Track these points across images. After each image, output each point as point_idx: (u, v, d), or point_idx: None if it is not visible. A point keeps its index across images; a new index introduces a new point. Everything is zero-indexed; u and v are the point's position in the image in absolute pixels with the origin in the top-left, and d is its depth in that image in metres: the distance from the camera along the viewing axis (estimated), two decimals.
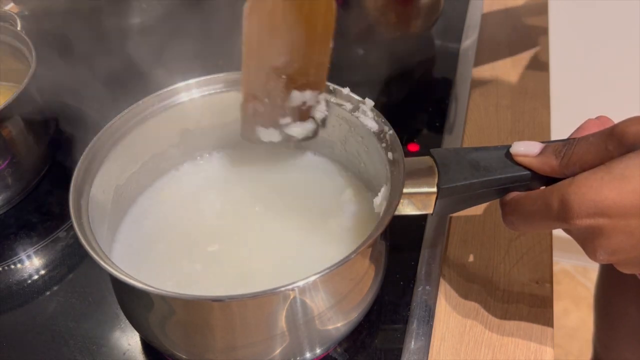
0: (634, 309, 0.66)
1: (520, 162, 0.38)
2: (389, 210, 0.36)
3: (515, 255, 0.49)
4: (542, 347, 0.43)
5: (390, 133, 0.41)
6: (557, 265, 1.48)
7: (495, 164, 0.39)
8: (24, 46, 0.56)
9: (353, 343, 0.43)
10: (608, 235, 0.33)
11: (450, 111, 0.63)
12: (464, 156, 0.40)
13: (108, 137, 0.41)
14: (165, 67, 0.50)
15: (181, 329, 0.36)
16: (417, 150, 0.58)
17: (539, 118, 0.62)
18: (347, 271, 0.36)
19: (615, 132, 0.33)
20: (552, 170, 0.36)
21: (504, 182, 0.39)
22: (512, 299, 0.46)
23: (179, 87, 0.45)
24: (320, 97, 0.44)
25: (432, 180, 0.39)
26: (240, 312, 0.34)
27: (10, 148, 0.52)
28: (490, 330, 0.44)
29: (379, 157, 0.41)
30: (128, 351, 0.43)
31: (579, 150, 0.35)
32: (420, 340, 0.43)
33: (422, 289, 0.46)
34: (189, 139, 0.47)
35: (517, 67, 0.70)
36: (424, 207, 0.40)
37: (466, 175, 0.39)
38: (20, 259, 0.50)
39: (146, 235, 0.44)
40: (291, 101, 0.43)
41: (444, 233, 0.50)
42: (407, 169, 0.38)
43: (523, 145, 0.38)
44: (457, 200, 0.40)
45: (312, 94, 0.43)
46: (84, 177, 0.39)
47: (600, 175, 0.32)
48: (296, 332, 0.36)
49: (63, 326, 0.45)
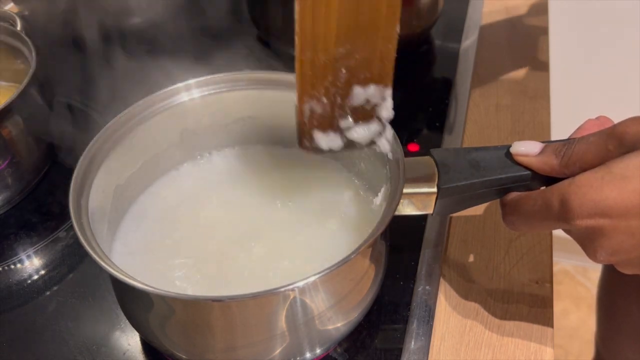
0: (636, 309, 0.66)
1: (520, 161, 0.38)
2: (389, 210, 0.36)
3: (515, 256, 0.49)
4: (542, 347, 0.43)
5: (390, 133, 0.41)
6: (557, 265, 1.48)
7: (495, 164, 0.39)
8: (24, 46, 0.56)
9: (353, 343, 0.43)
10: (609, 235, 0.33)
11: (450, 111, 0.63)
12: (464, 156, 0.40)
13: (108, 137, 0.41)
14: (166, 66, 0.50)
15: (181, 329, 0.36)
16: (417, 150, 0.58)
17: (539, 118, 0.62)
18: (347, 271, 0.36)
19: (616, 132, 0.33)
20: (552, 169, 0.36)
21: (504, 182, 0.39)
22: (512, 299, 0.46)
23: (179, 87, 0.45)
24: (386, 93, 0.38)
25: (432, 180, 0.39)
26: (241, 312, 0.34)
27: (10, 148, 0.52)
28: (490, 330, 0.44)
29: (379, 157, 0.41)
30: (128, 351, 0.43)
31: (579, 150, 0.35)
32: (420, 340, 0.43)
33: (422, 289, 0.46)
34: (189, 139, 0.47)
35: (517, 67, 0.69)
36: (424, 207, 0.40)
37: (466, 175, 0.39)
38: (20, 259, 0.50)
39: (146, 235, 0.44)
40: (353, 99, 0.38)
41: (444, 233, 0.50)
42: (407, 169, 0.38)
43: (523, 145, 0.38)
44: (458, 200, 0.40)
45: (377, 90, 0.38)
46: (84, 177, 0.39)
47: (600, 175, 0.32)
48: (296, 332, 0.36)
49: (63, 326, 0.45)
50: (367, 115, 0.39)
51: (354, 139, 0.39)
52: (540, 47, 0.72)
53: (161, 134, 0.45)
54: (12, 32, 0.57)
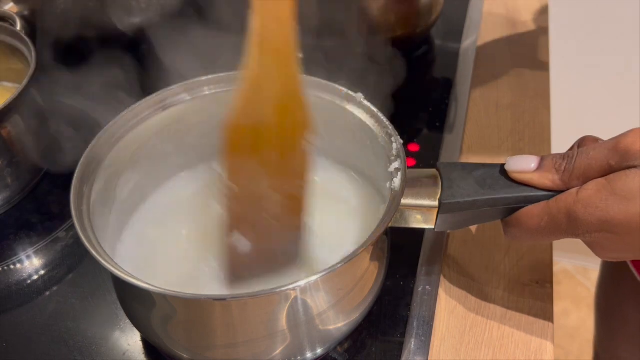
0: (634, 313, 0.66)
1: (518, 179, 0.37)
2: (384, 220, 0.35)
3: (515, 256, 0.49)
4: (542, 347, 0.43)
5: (397, 143, 0.40)
6: (557, 265, 1.48)
7: (502, 182, 0.38)
8: (24, 46, 0.56)
9: (353, 343, 0.43)
10: (615, 247, 0.34)
11: (450, 111, 0.63)
12: (470, 172, 0.39)
13: (109, 137, 0.41)
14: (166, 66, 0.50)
15: (182, 328, 0.36)
16: (417, 150, 0.58)
17: (539, 118, 0.62)
18: (348, 271, 0.36)
19: (619, 148, 0.33)
20: (553, 184, 0.36)
21: (509, 202, 0.37)
22: (512, 299, 0.46)
23: (179, 87, 0.45)
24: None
25: (434, 194, 0.38)
26: (242, 312, 0.34)
27: (10, 148, 0.52)
28: (490, 330, 0.44)
29: (383, 165, 0.40)
30: (128, 351, 0.43)
31: (580, 165, 0.35)
32: (420, 340, 0.43)
33: (422, 289, 0.46)
34: (189, 139, 0.47)
35: (517, 67, 0.69)
36: (425, 221, 0.39)
37: (470, 192, 0.38)
38: (20, 259, 0.50)
39: (147, 235, 0.44)
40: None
41: (445, 233, 0.50)
42: (411, 180, 0.38)
43: (517, 161, 0.37)
44: (461, 217, 0.39)
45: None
46: (84, 177, 0.39)
47: (605, 196, 0.33)
48: (297, 332, 0.36)
49: (63, 326, 0.45)
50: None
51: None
52: (540, 47, 0.72)
53: (162, 134, 0.45)
54: (12, 32, 0.57)
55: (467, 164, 0.40)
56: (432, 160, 0.57)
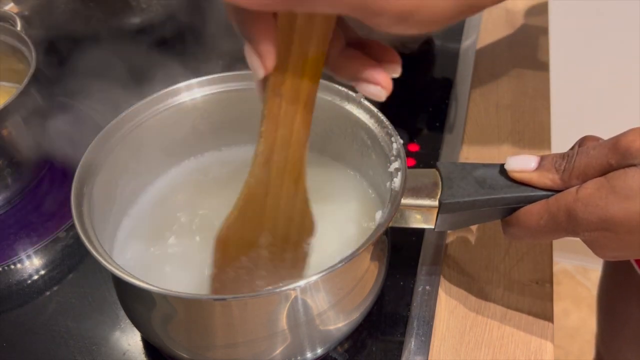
0: (636, 311, 0.66)
1: (518, 178, 0.37)
2: (383, 221, 0.35)
3: (515, 255, 0.49)
4: (542, 347, 0.43)
5: (397, 143, 0.40)
6: (557, 265, 1.48)
7: (502, 182, 0.38)
8: (24, 46, 0.56)
9: (353, 343, 0.43)
10: (615, 246, 0.34)
11: (450, 111, 0.63)
12: (470, 172, 0.39)
13: (109, 137, 0.41)
14: (166, 66, 0.50)
15: (183, 328, 0.36)
16: (417, 150, 0.58)
17: (539, 118, 0.62)
18: (348, 271, 0.36)
19: (619, 146, 0.33)
20: (553, 184, 0.36)
21: (509, 202, 0.37)
22: (512, 299, 0.46)
23: (179, 87, 0.45)
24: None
25: (434, 193, 0.38)
26: (242, 312, 0.34)
27: (10, 148, 0.52)
28: (490, 330, 0.44)
29: (383, 165, 0.41)
30: (128, 351, 0.43)
31: (580, 164, 0.35)
32: (420, 340, 0.43)
33: (422, 289, 0.46)
34: (190, 139, 0.47)
35: (517, 67, 0.69)
36: (425, 221, 0.39)
37: (470, 191, 0.38)
38: (20, 259, 0.50)
39: (147, 235, 0.44)
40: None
41: (445, 233, 0.50)
42: (411, 180, 0.38)
43: (517, 160, 0.37)
44: (461, 216, 0.39)
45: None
46: (85, 177, 0.39)
47: (604, 194, 0.33)
48: (297, 332, 0.36)
49: (63, 326, 0.45)
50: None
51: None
52: (540, 47, 0.72)
53: (162, 134, 0.45)
54: (12, 32, 0.57)
55: (467, 164, 0.40)
56: (432, 160, 0.57)
